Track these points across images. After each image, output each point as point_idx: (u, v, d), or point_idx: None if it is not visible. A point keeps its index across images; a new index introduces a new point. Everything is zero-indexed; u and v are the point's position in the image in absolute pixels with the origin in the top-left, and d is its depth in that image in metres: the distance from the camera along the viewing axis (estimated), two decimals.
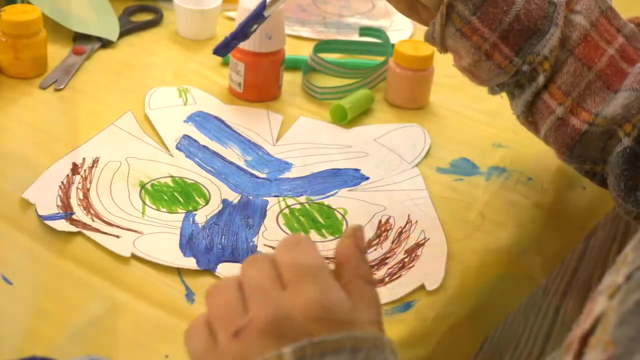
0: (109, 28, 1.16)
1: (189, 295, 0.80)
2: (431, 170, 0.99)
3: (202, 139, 0.99)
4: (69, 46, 1.13)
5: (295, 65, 1.12)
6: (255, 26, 0.94)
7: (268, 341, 0.58)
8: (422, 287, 0.84)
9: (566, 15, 0.88)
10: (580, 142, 0.88)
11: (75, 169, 0.92)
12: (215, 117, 1.02)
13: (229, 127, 1.01)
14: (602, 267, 1.51)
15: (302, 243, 0.63)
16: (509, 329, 1.08)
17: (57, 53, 1.11)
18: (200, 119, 1.02)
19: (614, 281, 0.56)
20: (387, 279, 0.84)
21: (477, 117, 1.09)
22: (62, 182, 0.90)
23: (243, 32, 0.94)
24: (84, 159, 0.94)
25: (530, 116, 0.91)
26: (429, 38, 0.90)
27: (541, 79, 0.88)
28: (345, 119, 1.04)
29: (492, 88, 0.93)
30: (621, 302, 0.53)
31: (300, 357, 0.57)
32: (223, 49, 0.96)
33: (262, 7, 0.92)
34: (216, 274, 0.82)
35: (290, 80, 1.11)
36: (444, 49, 0.91)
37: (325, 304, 0.59)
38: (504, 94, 0.93)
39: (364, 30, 1.19)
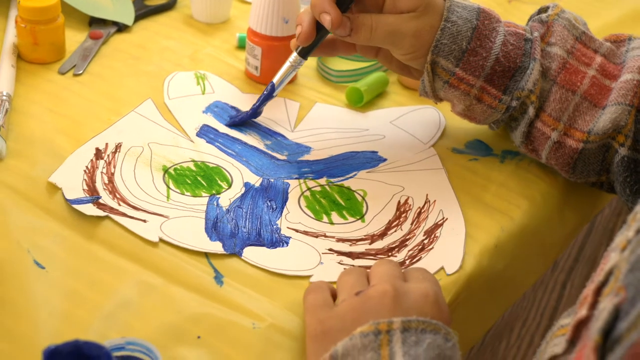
0: (124, 12, 1.17)
1: (218, 278, 0.82)
2: (447, 150, 1.01)
3: (222, 128, 1.00)
4: (85, 31, 1.15)
5: None
6: (265, 103, 1.01)
7: (383, 307, 0.71)
8: (441, 269, 0.86)
9: (543, 48, 0.94)
10: (580, 159, 0.93)
11: (98, 153, 0.94)
12: (233, 107, 1.04)
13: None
14: (607, 242, 1.53)
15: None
16: (519, 304, 1.10)
17: (73, 38, 1.13)
18: (218, 109, 1.03)
19: (625, 237, 0.62)
20: (407, 262, 0.86)
21: None
22: (87, 167, 0.92)
23: (256, 111, 1.01)
24: (106, 144, 0.95)
25: (529, 144, 0.96)
26: (422, 93, 0.97)
27: (531, 110, 0.93)
28: (361, 101, 1.06)
29: (490, 125, 0.98)
30: (632, 252, 0.59)
31: (407, 327, 0.69)
32: (237, 125, 1.01)
33: (272, 90, 0.99)
34: (242, 257, 0.84)
35: (305, 64, 1.12)
36: (438, 99, 0.97)
37: (438, 297, 0.74)
38: None
39: None
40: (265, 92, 1.00)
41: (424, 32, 0.91)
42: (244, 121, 1.01)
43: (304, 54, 0.97)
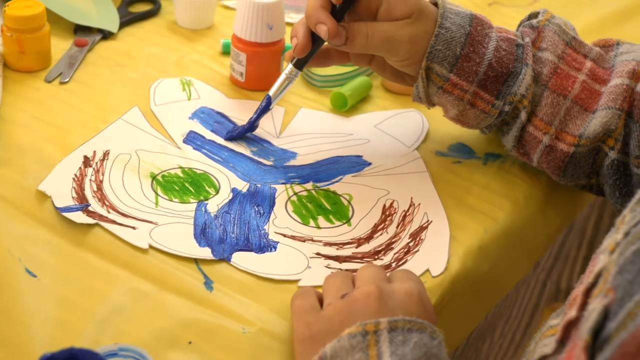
0: (109, 19, 1.18)
1: (208, 284, 0.83)
2: (430, 153, 1.03)
3: (208, 135, 1.02)
4: (70, 38, 1.16)
5: None
6: (262, 116, 1.02)
7: (369, 308, 0.73)
8: (427, 271, 0.87)
9: (534, 53, 0.96)
10: (570, 162, 0.95)
11: (86, 161, 0.95)
12: (219, 113, 1.05)
13: (232, 122, 1.04)
14: (590, 241, 1.56)
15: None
16: (501, 303, 1.12)
17: (59, 46, 1.13)
18: (204, 116, 1.05)
19: (613, 239, 0.64)
20: (393, 265, 0.88)
21: None
22: (76, 175, 0.93)
23: (253, 125, 1.02)
24: (94, 151, 0.96)
25: (521, 148, 0.98)
26: (416, 98, 0.98)
27: (523, 115, 0.95)
28: (346, 106, 1.08)
29: (482, 130, 1.00)
30: (620, 255, 0.61)
31: (393, 327, 0.70)
32: (235, 139, 1.02)
33: (269, 103, 1.01)
34: (231, 263, 0.85)
35: None
36: (431, 104, 0.99)
37: (422, 295, 0.76)
38: None
39: None
40: (261, 106, 1.01)
41: (419, 38, 0.93)
42: (242, 135, 1.02)
43: (299, 65, 0.99)
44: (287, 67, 1.00)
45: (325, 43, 0.97)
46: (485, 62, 0.94)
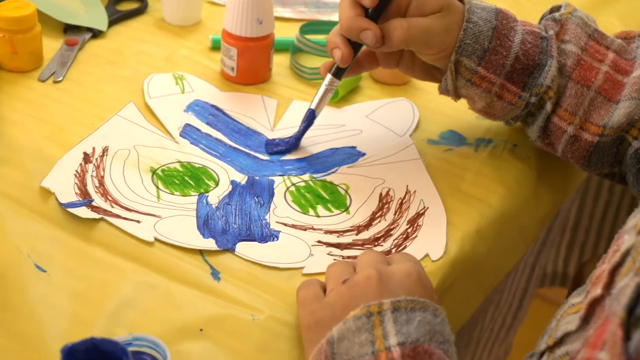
0: (97, 18, 1.19)
1: (215, 274, 0.84)
2: (422, 142, 1.05)
3: (204, 128, 1.03)
4: (60, 38, 1.17)
5: (279, 47, 1.16)
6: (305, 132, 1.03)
7: (370, 290, 0.75)
8: (426, 256, 0.89)
9: (558, 45, 0.98)
10: (594, 152, 0.97)
11: (86, 158, 0.96)
12: (213, 106, 1.07)
13: (227, 115, 1.05)
14: (572, 226, 1.59)
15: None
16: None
17: (49, 45, 1.14)
18: (199, 108, 1.06)
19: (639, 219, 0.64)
20: (393, 250, 0.90)
21: None
22: (77, 171, 0.94)
23: (298, 142, 1.02)
24: (93, 148, 0.98)
25: (545, 138, 1.00)
26: (443, 91, 1.00)
27: (549, 106, 0.97)
28: (337, 96, 1.09)
29: (507, 121, 1.02)
30: None
31: (396, 307, 0.72)
32: (279, 154, 1.02)
33: (312, 117, 1.02)
34: (236, 253, 0.87)
35: (277, 62, 1.15)
36: (457, 97, 1.00)
37: (421, 275, 0.78)
38: None
39: None
40: (305, 122, 1.01)
41: (452, 30, 0.95)
42: (287, 152, 1.02)
43: (339, 75, 1.00)
44: (327, 78, 1.00)
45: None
46: (512, 55, 0.96)
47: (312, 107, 1.01)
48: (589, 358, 0.59)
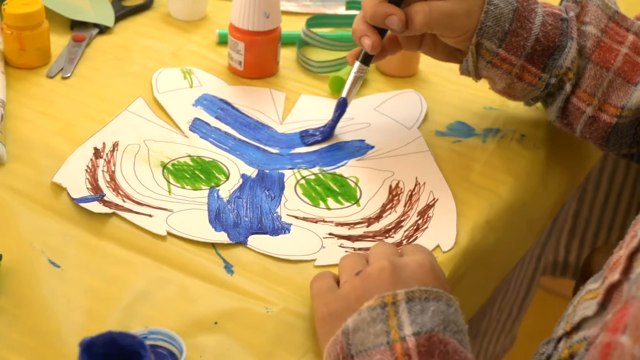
0: (104, 14, 1.20)
1: (228, 267, 0.85)
2: (430, 134, 1.05)
3: (213, 122, 1.03)
4: (67, 34, 1.17)
5: (285, 41, 1.17)
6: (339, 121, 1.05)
7: (383, 281, 0.75)
8: (437, 247, 0.90)
9: (578, 27, 0.98)
10: (613, 133, 0.98)
11: (97, 153, 0.96)
12: (222, 100, 1.07)
13: (236, 109, 1.06)
14: (573, 215, 1.59)
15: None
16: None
17: (57, 42, 1.15)
18: (208, 103, 1.06)
19: None
20: (404, 242, 0.90)
21: (466, 82, 1.14)
22: (88, 166, 0.94)
23: (332, 131, 1.04)
24: (104, 143, 0.98)
25: (564, 119, 1.01)
26: (464, 72, 1.01)
27: (568, 87, 0.98)
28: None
29: (527, 102, 1.03)
30: None
31: (410, 297, 0.73)
32: (315, 144, 1.03)
33: (345, 105, 1.03)
34: (248, 246, 0.87)
35: (284, 56, 1.16)
36: (478, 78, 1.02)
37: (433, 265, 0.78)
38: None
39: (351, 4, 1.24)
40: (338, 111, 1.03)
41: (474, 12, 0.95)
42: (322, 141, 1.03)
43: (367, 61, 1.02)
44: (355, 66, 1.02)
45: None
46: (533, 37, 0.96)
47: (344, 95, 1.03)
48: (609, 342, 0.59)
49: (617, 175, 1.56)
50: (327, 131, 1.03)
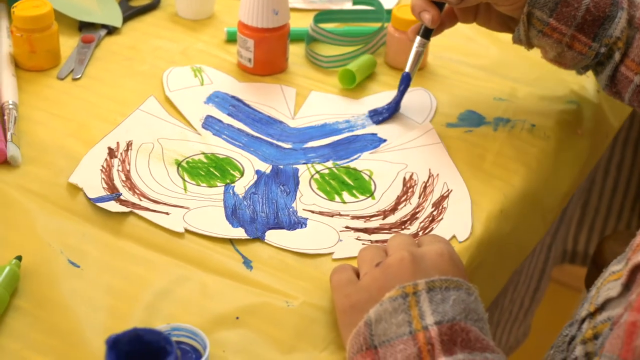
0: (112, 15, 1.20)
1: (247, 263, 0.85)
2: (441, 126, 1.06)
3: (225, 119, 1.04)
4: (76, 36, 1.17)
5: (293, 37, 1.17)
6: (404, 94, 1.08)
7: (403, 272, 0.76)
8: (453, 237, 0.90)
9: None
10: None
11: (111, 152, 0.97)
12: (233, 97, 1.07)
13: (248, 105, 1.06)
14: (582, 204, 1.59)
15: None
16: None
17: (66, 43, 1.15)
18: (219, 100, 1.07)
19: None
20: (420, 233, 0.91)
21: (475, 73, 1.15)
22: (103, 166, 0.95)
23: (398, 105, 1.07)
24: (117, 143, 0.98)
25: (613, 87, 1.02)
26: (517, 40, 1.03)
27: (617, 56, 0.99)
28: (354, 82, 1.10)
29: (578, 70, 1.05)
30: None
31: (431, 287, 0.73)
32: (384, 121, 1.06)
33: (409, 79, 1.06)
34: (266, 241, 0.88)
35: (293, 52, 1.16)
36: (530, 46, 1.03)
37: (452, 254, 0.79)
38: None
39: None
40: (402, 85, 1.06)
41: None
42: (391, 116, 1.06)
43: (427, 35, 1.05)
44: (416, 41, 1.05)
45: None
46: (583, 7, 0.98)
47: (407, 70, 1.06)
48: (634, 321, 0.60)
49: (625, 162, 1.57)
50: (394, 106, 1.06)
